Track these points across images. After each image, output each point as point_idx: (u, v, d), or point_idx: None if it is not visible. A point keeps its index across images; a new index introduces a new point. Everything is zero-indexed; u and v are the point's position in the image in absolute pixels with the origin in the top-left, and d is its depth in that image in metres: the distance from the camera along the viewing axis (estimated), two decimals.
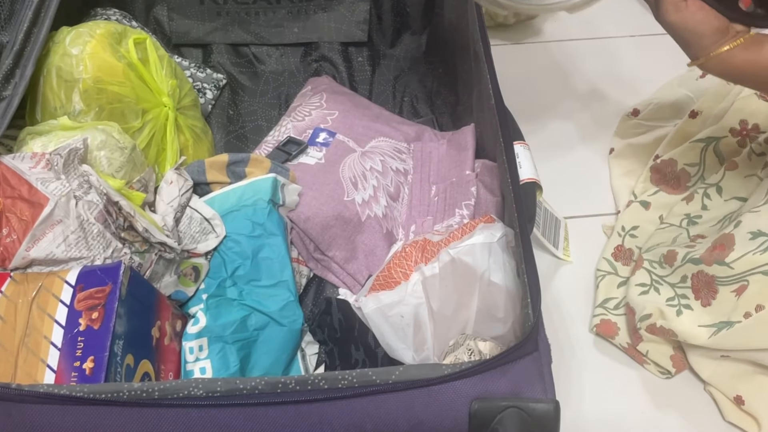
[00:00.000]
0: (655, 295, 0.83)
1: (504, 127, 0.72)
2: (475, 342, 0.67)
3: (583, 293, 0.90)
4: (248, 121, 1.06)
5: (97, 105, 0.78)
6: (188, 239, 0.78)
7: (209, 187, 0.85)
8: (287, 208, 0.84)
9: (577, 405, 0.80)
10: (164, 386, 0.49)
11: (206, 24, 1.09)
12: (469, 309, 0.71)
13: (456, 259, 0.71)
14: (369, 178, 0.89)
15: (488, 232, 0.72)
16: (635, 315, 0.83)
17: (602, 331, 0.85)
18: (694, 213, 0.91)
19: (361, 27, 1.10)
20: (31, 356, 0.58)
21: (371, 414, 0.50)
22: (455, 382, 0.51)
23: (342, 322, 0.76)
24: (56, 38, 0.80)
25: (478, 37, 0.84)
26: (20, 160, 0.69)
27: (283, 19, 1.10)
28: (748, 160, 0.89)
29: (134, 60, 0.83)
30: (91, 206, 0.68)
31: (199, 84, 1.05)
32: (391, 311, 0.72)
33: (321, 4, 1.09)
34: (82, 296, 0.61)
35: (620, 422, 0.79)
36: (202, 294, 0.76)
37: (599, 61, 1.21)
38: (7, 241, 0.66)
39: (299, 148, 0.92)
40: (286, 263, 0.78)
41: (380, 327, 0.72)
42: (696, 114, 0.98)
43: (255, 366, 0.72)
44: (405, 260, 0.77)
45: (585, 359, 0.84)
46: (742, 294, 0.74)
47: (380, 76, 1.11)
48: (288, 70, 1.11)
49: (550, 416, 0.50)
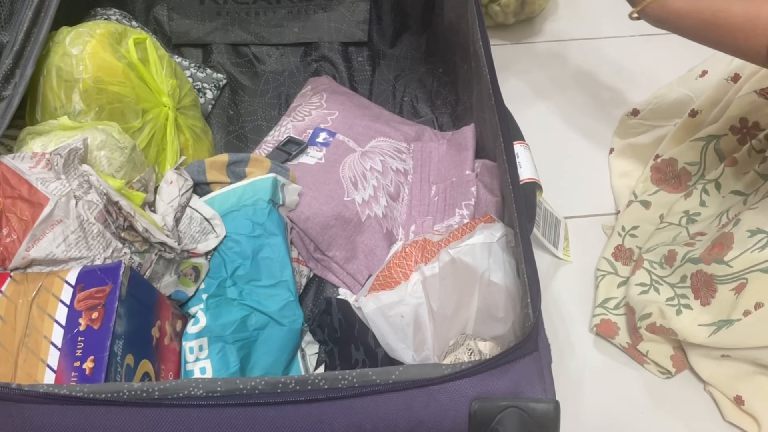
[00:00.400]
0: (655, 295, 0.83)
1: (504, 127, 0.72)
2: (475, 342, 0.67)
3: (583, 293, 0.90)
4: (248, 121, 1.06)
5: (97, 105, 0.78)
6: (188, 239, 0.78)
7: (209, 187, 0.85)
8: (287, 208, 0.84)
9: (577, 405, 0.80)
10: (164, 386, 0.49)
11: (206, 24, 1.09)
12: (469, 309, 0.71)
13: (456, 259, 0.71)
14: (369, 177, 0.89)
15: (488, 232, 0.72)
16: (635, 314, 0.83)
17: (602, 331, 0.85)
18: (692, 210, 0.91)
19: (361, 27, 1.10)
20: (31, 356, 0.58)
21: (371, 414, 0.50)
22: (455, 382, 0.51)
23: (342, 322, 0.76)
24: (56, 38, 0.80)
25: (478, 37, 0.84)
26: (20, 160, 0.69)
27: (283, 19, 1.10)
28: (748, 156, 0.89)
29: (134, 60, 0.83)
30: (91, 206, 0.68)
31: (199, 84, 1.05)
32: (391, 311, 0.72)
33: (321, 3, 1.09)
34: (82, 296, 0.61)
35: (620, 422, 0.79)
36: (202, 294, 0.76)
37: (599, 61, 1.21)
38: (7, 241, 0.66)
39: (299, 148, 0.92)
40: (286, 263, 0.78)
41: (380, 327, 0.72)
42: (696, 113, 0.98)
43: (255, 366, 0.73)
44: (405, 260, 0.77)
45: (585, 359, 0.84)
46: (742, 292, 0.74)
47: (380, 76, 1.11)
48: (288, 70, 1.11)
49: (550, 416, 0.50)
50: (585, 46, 1.24)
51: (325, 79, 1.07)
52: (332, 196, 0.86)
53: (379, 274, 0.78)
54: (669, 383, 0.82)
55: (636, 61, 1.20)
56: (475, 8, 0.87)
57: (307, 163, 0.91)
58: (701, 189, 0.91)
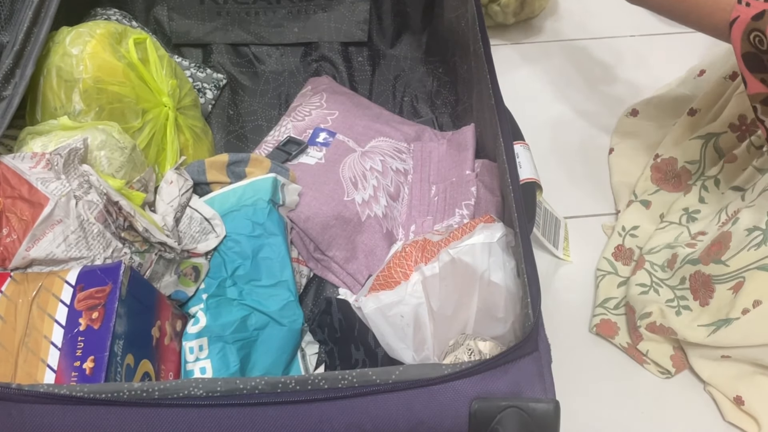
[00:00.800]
0: (655, 296, 0.84)
1: (504, 127, 0.72)
2: (475, 342, 0.67)
3: (583, 293, 0.90)
4: (248, 121, 1.06)
5: (97, 105, 0.78)
6: (188, 239, 0.78)
7: (209, 187, 0.85)
8: (287, 208, 0.84)
9: (577, 405, 0.80)
10: (164, 386, 0.49)
11: (206, 24, 1.09)
12: (469, 309, 0.71)
13: (456, 259, 0.71)
14: (369, 177, 0.89)
15: (488, 232, 0.72)
16: (635, 313, 0.83)
17: (602, 331, 0.85)
18: (692, 207, 0.91)
19: (361, 27, 1.10)
20: (31, 356, 0.58)
21: (371, 414, 0.50)
22: (455, 381, 0.51)
23: (342, 322, 0.76)
24: (56, 38, 0.80)
25: (478, 37, 0.84)
26: (20, 160, 0.69)
27: (283, 19, 1.10)
28: (747, 152, 0.89)
29: (134, 60, 0.83)
30: (91, 206, 0.68)
31: (199, 84, 1.05)
32: (391, 311, 0.72)
33: (321, 3, 1.09)
34: (82, 296, 0.61)
35: (620, 422, 0.79)
36: (202, 294, 0.76)
37: (599, 61, 1.21)
38: (7, 240, 0.66)
39: (299, 148, 0.92)
40: (286, 263, 0.78)
41: (380, 327, 0.72)
42: (695, 112, 0.98)
43: (255, 366, 0.73)
44: (405, 260, 0.77)
45: (585, 359, 0.84)
46: (739, 291, 0.75)
47: (380, 76, 1.11)
48: (288, 70, 1.11)
49: (550, 416, 0.50)
50: (585, 46, 1.24)
51: (325, 79, 1.07)
52: (332, 196, 0.86)
53: (379, 274, 0.78)
54: (669, 384, 0.82)
55: (636, 62, 1.20)
56: (475, 8, 0.87)
57: (307, 163, 0.91)
58: (700, 186, 0.91)
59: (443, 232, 0.80)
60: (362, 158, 0.92)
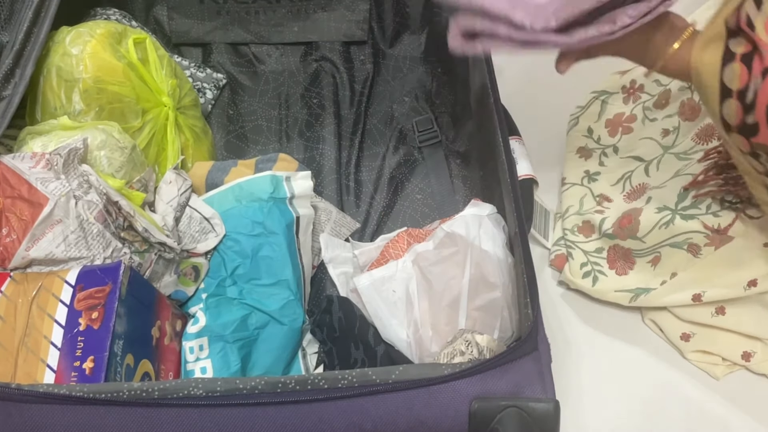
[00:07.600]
0: (570, 260, 0.89)
1: (503, 127, 0.72)
2: (472, 335, 0.68)
3: (582, 293, 0.90)
4: (248, 121, 1.06)
5: (97, 105, 0.78)
6: (188, 239, 0.78)
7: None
8: (305, 197, 0.84)
9: (577, 405, 0.80)
10: (164, 386, 0.49)
11: (206, 23, 1.09)
12: (463, 278, 0.73)
13: (450, 233, 0.74)
14: None
15: (477, 208, 0.76)
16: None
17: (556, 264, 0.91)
18: (593, 170, 0.95)
19: (361, 26, 1.10)
20: (31, 356, 0.58)
21: (371, 413, 0.51)
22: (455, 381, 0.51)
23: (342, 321, 0.76)
24: (56, 38, 0.80)
25: None
26: (20, 160, 0.69)
27: (283, 19, 1.10)
28: (642, 125, 0.93)
29: (134, 60, 0.83)
30: (91, 206, 0.68)
31: (199, 84, 1.05)
32: (384, 286, 0.74)
33: (321, 3, 1.09)
34: (82, 296, 0.61)
35: (620, 422, 0.79)
36: (201, 293, 0.76)
37: (599, 60, 1.21)
38: (7, 240, 0.66)
39: None
40: (287, 261, 0.78)
41: (373, 302, 0.74)
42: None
43: (255, 365, 0.73)
44: (398, 243, 0.80)
45: (585, 359, 0.84)
46: (657, 264, 0.81)
47: (380, 76, 1.11)
48: (288, 70, 1.11)
49: (550, 416, 0.50)
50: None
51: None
52: None
53: (374, 261, 0.80)
54: (669, 383, 0.82)
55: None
56: None
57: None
58: (600, 152, 0.97)
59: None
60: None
